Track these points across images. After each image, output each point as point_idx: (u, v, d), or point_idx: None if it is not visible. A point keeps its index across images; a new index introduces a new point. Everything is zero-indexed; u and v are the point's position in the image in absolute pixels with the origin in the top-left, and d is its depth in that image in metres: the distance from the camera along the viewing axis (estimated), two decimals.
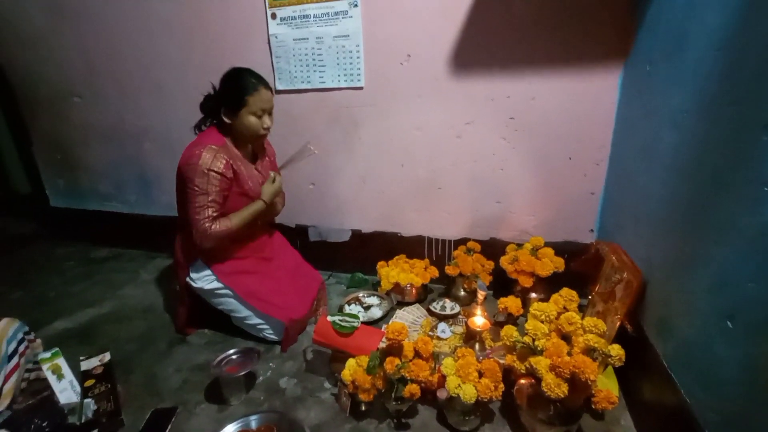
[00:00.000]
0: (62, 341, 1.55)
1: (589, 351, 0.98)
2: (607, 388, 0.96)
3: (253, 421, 1.12)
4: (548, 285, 1.54)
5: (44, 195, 2.51)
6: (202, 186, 1.31)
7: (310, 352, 1.42)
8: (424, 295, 1.74)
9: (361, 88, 1.68)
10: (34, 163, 2.46)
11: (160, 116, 2.04)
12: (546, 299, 1.45)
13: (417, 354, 1.11)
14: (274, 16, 1.69)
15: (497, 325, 1.42)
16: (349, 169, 1.83)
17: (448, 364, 1.07)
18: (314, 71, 1.71)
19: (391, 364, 1.04)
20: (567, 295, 1.23)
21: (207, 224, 1.33)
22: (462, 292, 1.69)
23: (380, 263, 1.76)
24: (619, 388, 1.16)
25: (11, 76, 2.26)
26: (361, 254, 1.94)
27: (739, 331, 0.70)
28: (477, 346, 1.36)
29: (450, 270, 1.64)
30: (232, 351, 1.28)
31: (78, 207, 2.44)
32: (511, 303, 1.41)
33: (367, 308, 1.67)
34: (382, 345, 1.18)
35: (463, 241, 1.74)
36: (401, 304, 1.70)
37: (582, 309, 1.27)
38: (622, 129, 1.40)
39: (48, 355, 1.16)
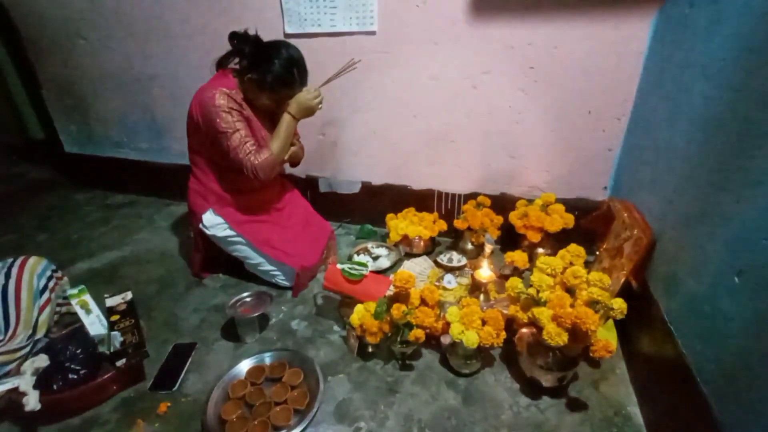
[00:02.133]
0: (86, 280, 1.62)
1: (592, 303, 1.01)
2: (606, 338, 0.99)
3: (267, 358, 1.20)
4: (556, 241, 1.54)
5: (58, 141, 2.53)
6: (229, 126, 1.31)
7: (320, 298, 1.48)
8: (431, 248, 1.77)
9: (373, 33, 1.60)
10: (46, 108, 2.46)
11: (169, 62, 1.99)
12: (553, 255, 1.47)
13: (423, 302, 1.14)
14: None
15: (503, 278, 1.44)
16: (359, 119, 1.79)
17: (452, 312, 1.10)
18: (325, 13, 1.62)
19: (397, 310, 1.08)
20: (574, 250, 1.23)
21: (252, 159, 1.34)
22: (469, 246, 1.71)
23: (389, 215, 1.78)
24: (617, 339, 1.19)
25: (15, 15, 2.20)
26: (371, 206, 1.95)
27: (746, 286, 0.70)
28: (482, 297, 1.40)
29: (459, 224, 1.65)
30: (246, 294, 1.34)
31: (92, 153, 2.46)
32: (517, 257, 1.42)
33: (376, 258, 1.71)
34: (390, 292, 1.22)
35: (473, 196, 1.73)
36: (409, 255, 1.73)
37: (588, 265, 1.28)
38: (649, 81, 1.33)
39: (76, 291, 1.23)
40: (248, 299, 1.33)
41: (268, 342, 1.30)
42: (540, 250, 1.58)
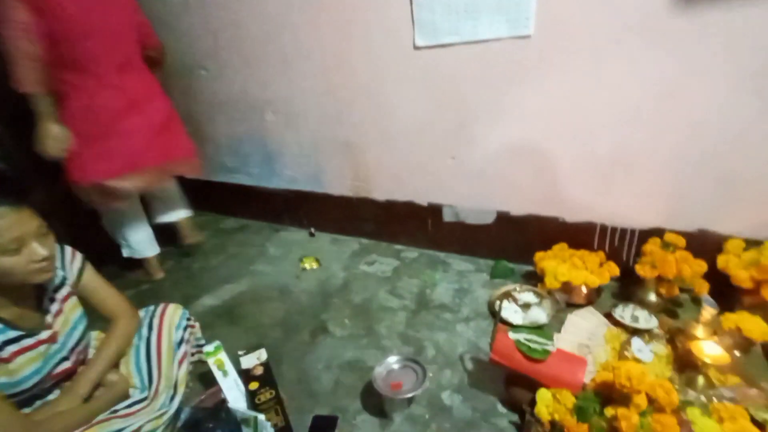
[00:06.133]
0: (212, 320, 1.57)
1: None
2: None
3: None
4: None
5: None
6: None
7: (470, 361, 1.23)
8: (594, 297, 1.42)
9: (527, 37, 1.31)
10: None
11: (284, 87, 1.90)
12: None
13: (650, 401, 0.82)
14: None
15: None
16: (500, 140, 1.51)
17: (705, 427, 0.77)
18: (465, 20, 1.37)
19: (628, 420, 0.77)
20: None
21: None
22: (652, 297, 1.33)
23: (539, 254, 1.47)
24: None
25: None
26: (507, 239, 1.66)
27: None
28: (699, 380, 1.03)
29: (645, 271, 1.28)
30: (392, 359, 1.13)
31: (206, 179, 2.50)
32: (750, 324, 1.03)
33: (526, 307, 1.41)
34: (588, 378, 0.92)
35: (654, 232, 1.35)
36: (569, 306, 1.41)
37: None
38: None
39: (212, 348, 1.12)
40: (396, 366, 1.12)
41: (419, 421, 1.08)
42: None
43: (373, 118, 1.74)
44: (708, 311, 1.07)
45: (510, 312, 1.38)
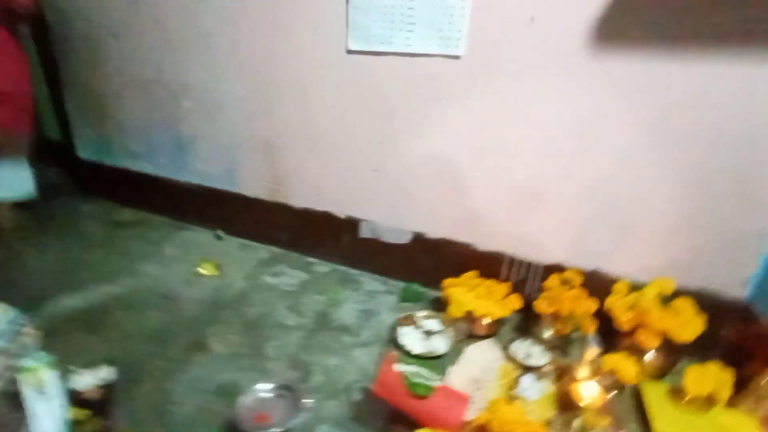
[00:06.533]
0: (68, 324, 1.32)
1: None
2: None
3: None
4: (669, 348, 1.16)
5: (72, 144, 2.28)
6: None
7: (357, 391, 1.12)
8: (496, 329, 1.40)
9: (457, 57, 1.29)
10: (65, 108, 2.22)
11: (205, 73, 1.72)
12: (666, 367, 1.10)
13: None
14: None
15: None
16: (422, 157, 1.46)
17: None
18: (400, 30, 1.33)
19: None
20: (716, 375, 0.86)
21: None
22: (547, 334, 1.33)
23: (448, 281, 1.42)
24: None
25: (47, 7, 1.98)
26: (420, 262, 1.60)
27: None
28: (575, 423, 1.02)
29: (542, 306, 1.27)
30: (263, 386, 0.99)
31: (106, 161, 2.19)
32: (624, 366, 1.05)
33: (427, 335, 1.34)
34: (468, 418, 0.86)
35: (555, 268, 1.37)
36: (470, 336, 1.36)
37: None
38: None
39: (31, 363, 0.88)
40: (266, 394, 0.98)
41: None
42: (648, 357, 1.20)
43: (298, 119, 1.62)
44: (592, 351, 1.07)
45: (410, 338, 1.31)
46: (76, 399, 0.87)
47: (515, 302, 1.35)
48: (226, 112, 1.75)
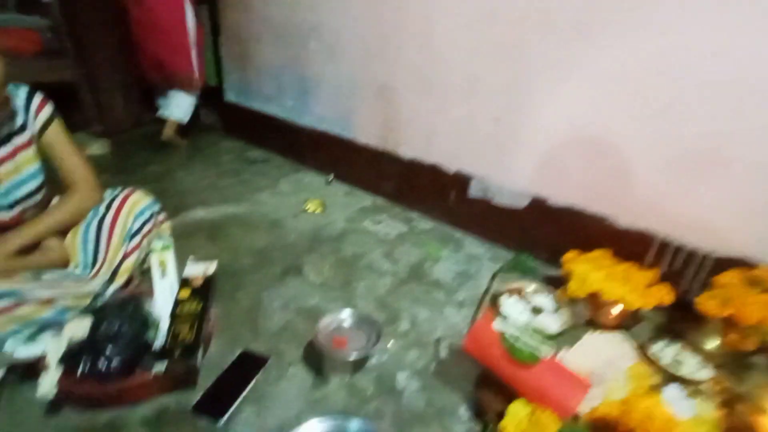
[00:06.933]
0: (195, 230, 1.48)
1: None
2: None
3: (352, 426, 0.76)
4: None
5: (222, 88, 2.57)
6: None
7: (446, 349, 1.00)
8: (631, 322, 1.11)
9: None
10: (220, 55, 2.50)
11: (331, 12, 1.72)
12: None
13: None
14: None
15: None
16: (556, 105, 1.22)
17: None
18: None
19: None
20: None
21: None
22: (712, 344, 1.00)
23: (569, 254, 1.18)
24: None
25: None
26: (537, 231, 1.38)
27: None
28: None
29: (710, 307, 0.95)
30: (346, 314, 0.94)
31: (244, 104, 2.42)
32: None
33: (536, 312, 1.14)
34: (585, 406, 0.66)
35: (735, 263, 1.02)
36: (591, 324, 1.11)
37: None
38: None
39: (160, 245, 0.99)
40: (347, 323, 0.92)
41: (360, 394, 0.87)
42: None
43: (416, 62, 1.51)
44: None
45: (514, 309, 1.11)
46: (185, 283, 0.94)
47: (665, 295, 1.04)
48: (348, 54, 1.73)
